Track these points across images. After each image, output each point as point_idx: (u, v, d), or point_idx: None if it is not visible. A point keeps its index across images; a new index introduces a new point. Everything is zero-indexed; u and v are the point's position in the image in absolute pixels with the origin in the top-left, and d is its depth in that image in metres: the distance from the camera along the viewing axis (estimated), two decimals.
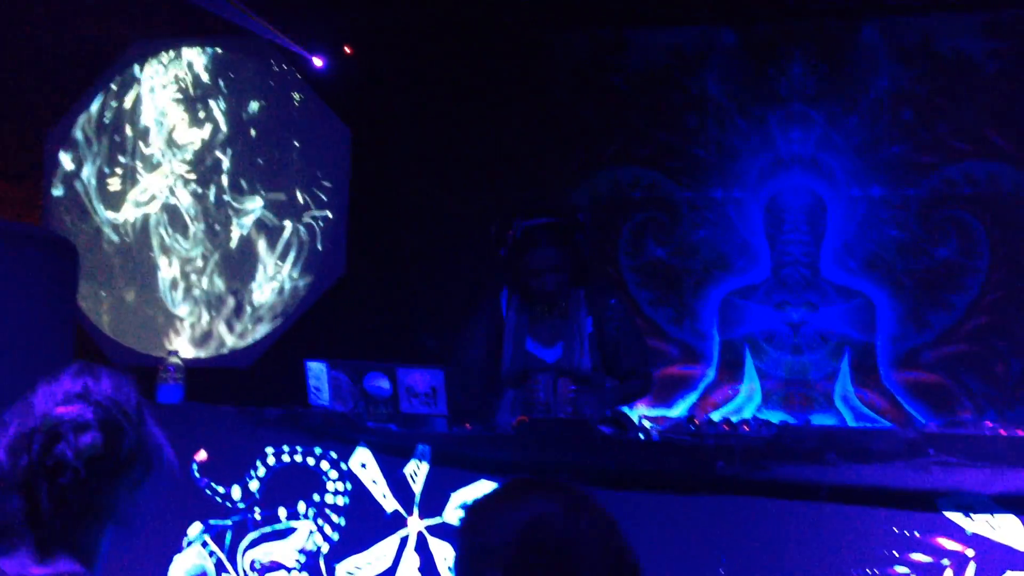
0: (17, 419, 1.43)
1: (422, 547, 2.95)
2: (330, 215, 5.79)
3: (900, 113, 5.11)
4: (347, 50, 5.69)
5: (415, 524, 2.96)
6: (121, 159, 6.16)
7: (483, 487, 2.91)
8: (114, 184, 6.17)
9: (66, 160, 6.22)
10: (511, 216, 3.58)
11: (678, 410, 5.15)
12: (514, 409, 3.46)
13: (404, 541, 2.97)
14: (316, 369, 3.18)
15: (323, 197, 5.82)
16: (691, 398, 5.27)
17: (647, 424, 3.13)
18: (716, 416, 4.16)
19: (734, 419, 2.97)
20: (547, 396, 3.42)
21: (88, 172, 6.20)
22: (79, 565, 1.42)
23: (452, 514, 2.94)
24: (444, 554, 2.91)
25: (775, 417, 4.79)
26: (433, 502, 2.95)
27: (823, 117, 5.20)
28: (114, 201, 6.17)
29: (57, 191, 6.24)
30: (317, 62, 5.69)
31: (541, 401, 3.41)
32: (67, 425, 1.41)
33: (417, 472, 2.99)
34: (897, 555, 2.54)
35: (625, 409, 3.54)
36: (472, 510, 1.51)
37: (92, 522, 1.45)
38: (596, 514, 1.48)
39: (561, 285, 3.54)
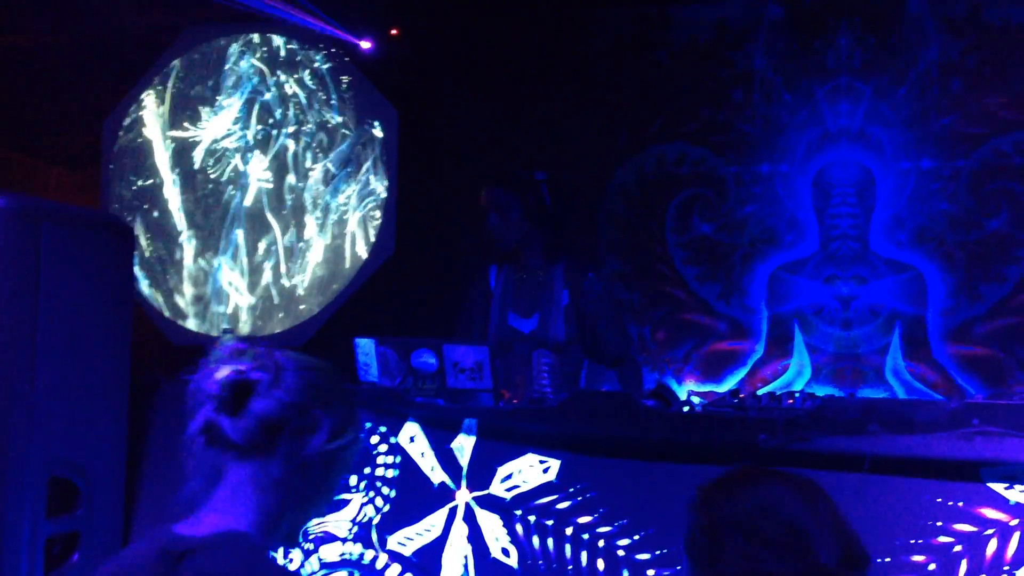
0: None
1: (470, 518, 3.01)
2: (380, 196, 5.85)
3: (949, 84, 5.04)
4: (393, 32, 5.73)
5: (463, 496, 3.02)
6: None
7: (528, 460, 2.96)
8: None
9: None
10: None
11: (727, 386, 5.14)
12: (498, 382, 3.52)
13: (453, 512, 3.03)
14: (365, 345, 3.24)
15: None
16: (740, 374, 5.26)
17: (695, 400, 3.16)
18: (763, 391, 4.16)
19: (778, 393, 2.97)
20: (522, 367, 3.48)
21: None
22: None
23: (498, 487, 2.99)
24: (492, 525, 2.97)
25: (825, 392, 4.78)
26: (480, 475, 3.01)
27: (871, 90, 5.15)
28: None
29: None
30: (365, 45, 5.75)
31: (518, 372, 3.46)
32: None
33: (464, 445, 3.04)
34: (941, 525, 2.55)
35: (671, 383, 3.57)
36: (706, 489, 1.60)
37: None
38: (829, 501, 1.57)
39: (510, 227, 3.68)
